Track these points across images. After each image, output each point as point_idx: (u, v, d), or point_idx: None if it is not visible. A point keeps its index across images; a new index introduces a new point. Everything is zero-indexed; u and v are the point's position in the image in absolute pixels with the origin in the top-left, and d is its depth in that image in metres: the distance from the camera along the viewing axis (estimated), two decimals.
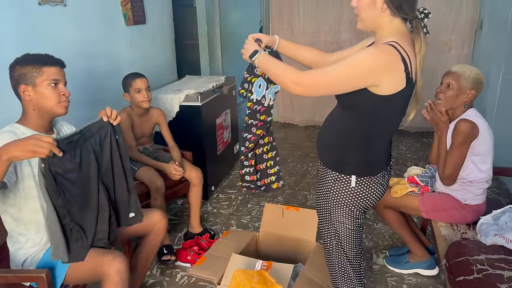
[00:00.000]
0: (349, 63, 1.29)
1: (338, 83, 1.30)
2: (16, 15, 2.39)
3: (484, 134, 1.95)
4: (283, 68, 1.38)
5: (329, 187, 1.52)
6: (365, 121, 1.41)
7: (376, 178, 1.48)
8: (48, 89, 1.61)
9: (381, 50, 1.29)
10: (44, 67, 1.60)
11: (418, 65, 1.35)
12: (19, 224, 1.64)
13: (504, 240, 1.67)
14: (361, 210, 1.52)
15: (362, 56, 1.29)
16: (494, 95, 3.69)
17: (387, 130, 1.47)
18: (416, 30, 1.34)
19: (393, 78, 1.29)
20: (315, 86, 1.33)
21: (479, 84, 1.98)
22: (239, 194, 3.40)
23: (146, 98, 2.57)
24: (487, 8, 4.19)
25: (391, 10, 1.32)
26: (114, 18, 3.32)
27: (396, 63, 1.27)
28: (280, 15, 5.12)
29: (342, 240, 1.55)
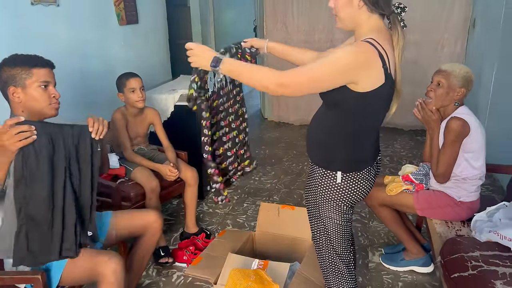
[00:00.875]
0: (328, 61, 1.31)
1: (320, 81, 1.32)
2: (9, 15, 2.38)
3: (476, 131, 1.96)
4: (259, 71, 1.37)
5: (316, 183, 1.54)
6: (349, 118, 1.43)
7: (362, 174, 1.50)
8: (38, 91, 1.59)
9: (358, 48, 1.31)
10: (34, 68, 1.58)
11: (397, 59, 1.37)
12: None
13: (498, 236, 1.68)
14: (348, 205, 1.54)
15: (340, 54, 1.31)
16: (487, 93, 3.72)
17: (371, 126, 1.49)
18: (394, 24, 1.38)
19: (371, 74, 1.31)
20: (297, 86, 1.33)
21: (468, 82, 2.00)
22: (234, 194, 3.40)
23: (141, 97, 2.57)
24: (480, 6, 4.22)
25: (368, 7, 1.34)
26: (107, 18, 3.31)
27: (373, 59, 1.29)
28: (274, 14, 5.12)
29: (331, 236, 1.57)
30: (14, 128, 1.39)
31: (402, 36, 1.37)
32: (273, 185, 3.57)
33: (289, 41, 5.12)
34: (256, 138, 4.93)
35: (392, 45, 1.36)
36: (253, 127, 5.38)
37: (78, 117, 2.74)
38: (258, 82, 1.36)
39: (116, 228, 1.91)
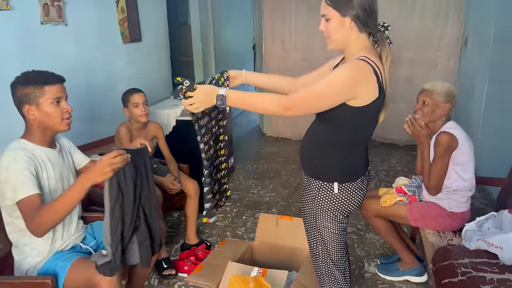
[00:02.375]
0: (329, 81, 1.40)
1: (322, 100, 1.41)
2: (20, 34, 2.49)
3: (464, 144, 2.06)
4: (264, 98, 1.47)
5: (313, 195, 1.62)
6: (342, 132, 1.52)
7: (356, 184, 1.59)
8: (51, 108, 1.65)
9: (355, 65, 1.40)
10: (46, 86, 1.63)
11: (386, 74, 1.48)
12: (25, 234, 1.68)
13: (486, 244, 1.77)
14: (344, 214, 1.62)
15: (339, 72, 1.41)
16: (479, 109, 3.84)
17: (363, 138, 1.59)
18: (381, 41, 1.48)
19: (368, 89, 1.41)
20: (302, 107, 1.42)
21: (451, 97, 2.10)
22: (234, 207, 3.47)
23: (144, 112, 2.66)
24: (471, 26, 4.37)
25: (358, 27, 1.43)
26: (112, 36, 3.43)
27: (369, 75, 1.40)
28: (272, 32, 5.27)
29: (327, 245, 1.65)
30: (114, 159, 1.49)
31: (389, 52, 1.48)
32: (272, 198, 3.65)
33: (287, 59, 5.27)
34: (255, 152, 5.03)
35: (381, 62, 1.47)
36: (252, 142, 5.49)
37: (83, 131, 2.86)
38: (265, 109, 1.48)
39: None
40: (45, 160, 1.70)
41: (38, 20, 2.61)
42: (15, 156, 1.58)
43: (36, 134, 1.69)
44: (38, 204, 1.55)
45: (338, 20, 1.43)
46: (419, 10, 4.67)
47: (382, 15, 1.46)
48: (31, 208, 1.54)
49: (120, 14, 3.47)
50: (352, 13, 1.40)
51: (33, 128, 1.68)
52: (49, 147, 1.74)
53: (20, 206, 1.56)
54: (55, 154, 1.76)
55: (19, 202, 1.55)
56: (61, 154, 1.81)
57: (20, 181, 1.55)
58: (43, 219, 1.53)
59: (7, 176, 1.56)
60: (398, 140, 5.01)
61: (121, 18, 3.49)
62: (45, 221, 1.53)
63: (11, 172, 1.56)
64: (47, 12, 2.65)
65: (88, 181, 1.51)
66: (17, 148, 1.62)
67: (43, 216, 1.52)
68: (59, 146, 1.82)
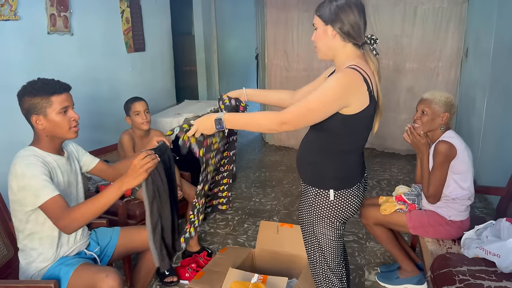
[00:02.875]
0: (321, 92, 1.44)
1: (316, 112, 1.45)
2: (27, 44, 2.55)
3: (462, 153, 2.09)
4: (260, 116, 1.55)
5: (310, 202, 1.65)
6: (335, 139, 1.56)
7: (352, 190, 1.62)
8: (59, 117, 1.66)
9: (346, 74, 1.45)
10: (53, 96, 1.64)
11: (377, 82, 1.52)
12: (34, 239, 1.72)
13: (484, 251, 1.78)
14: (341, 221, 1.64)
15: (331, 82, 1.45)
16: (480, 119, 3.86)
17: (357, 145, 1.62)
18: (366, 52, 1.53)
19: (359, 97, 1.46)
20: (297, 121, 1.46)
21: (450, 106, 2.13)
22: (235, 215, 3.50)
23: (145, 120, 2.70)
24: (472, 37, 4.42)
25: (341, 36, 1.49)
26: (117, 46, 3.50)
27: (359, 83, 1.44)
28: (275, 42, 5.33)
29: (325, 251, 1.67)
30: (144, 160, 1.53)
31: (376, 61, 1.53)
32: (273, 206, 3.67)
33: (290, 69, 5.32)
34: (258, 161, 5.06)
35: (371, 70, 1.52)
36: (255, 151, 5.52)
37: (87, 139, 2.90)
38: (262, 126, 1.55)
39: (124, 243, 2.01)
40: (55, 166, 1.73)
41: (45, 30, 2.68)
42: (29, 163, 1.61)
43: (45, 142, 1.72)
44: (63, 204, 1.60)
45: (322, 29, 1.52)
46: (420, 21, 4.72)
47: (384, 26, 1.52)
48: (58, 208, 1.58)
49: (125, 24, 3.54)
50: (334, 22, 1.48)
51: (41, 137, 1.71)
52: (58, 154, 1.77)
53: (45, 209, 1.59)
54: (63, 161, 1.80)
55: (43, 205, 1.59)
56: (69, 161, 1.85)
57: (39, 186, 1.59)
58: (76, 217, 1.58)
59: (25, 183, 1.59)
60: (399, 149, 5.03)
61: (126, 28, 3.55)
62: (79, 219, 1.58)
63: (28, 178, 1.59)
64: (54, 22, 2.71)
65: (125, 185, 1.57)
66: (29, 155, 1.65)
67: (77, 214, 1.58)
68: (67, 153, 1.85)
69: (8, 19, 2.38)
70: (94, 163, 2.00)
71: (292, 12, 5.15)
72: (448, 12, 4.61)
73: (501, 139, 3.31)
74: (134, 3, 3.67)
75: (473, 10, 4.41)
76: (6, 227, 2.00)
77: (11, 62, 2.46)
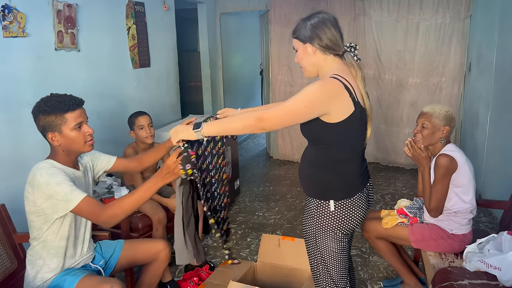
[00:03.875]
0: (301, 95, 1.46)
1: (295, 114, 1.46)
2: (35, 60, 2.61)
3: (463, 167, 2.09)
4: (240, 116, 1.57)
5: (312, 213, 1.66)
6: (329, 149, 1.57)
7: (353, 200, 1.62)
8: (74, 133, 1.70)
9: (325, 81, 1.50)
10: (67, 114, 1.67)
11: (361, 88, 1.55)
12: (44, 248, 1.75)
13: (485, 265, 1.77)
14: (343, 232, 1.64)
15: (310, 88, 1.46)
16: (484, 133, 3.86)
17: (352, 154, 1.62)
18: (348, 59, 1.58)
19: (341, 104, 1.48)
20: (275, 119, 1.45)
21: (450, 120, 2.14)
22: (238, 229, 3.50)
23: (149, 133, 2.74)
24: (474, 52, 4.44)
25: (321, 50, 1.55)
26: (123, 62, 3.57)
27: (340, 90, 1.48)
28: (279, 58, 5.40)
29: (328, 264, 1.67)
30: (175, 160, 1.57)
31: (358, 67, 1.57)
32: (277, 220, 3.67)
33: (294, 85, 5.37)
34: (262, 175, 5.07)
35: (354, 78, 1.55)
36: (259, 165, 5.54)
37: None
38: (240, 124, 1.50)
39: (127, 255, 2.03)
40: (73, 179, 1.76)
41: (52, 47, 2.75)
42: (51, 172, 1.64)
43: (62, 156, 1.75)
44: (96, 202, 1.66)
45: (302, 48, 1.59)
46: (423, 36, 4.77)
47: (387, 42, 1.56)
48: (93, 206, 1.64)
49: (131, 40, 3.61)
50: (312, 39, 1.54)
51: (58, 152, 1.74)
52: (74, 168, 1.80)
53: (80, 210, 1.64)
54: (79, 174, 1.83)
55: (77, 207, 1.62)
56: (84, 175, 1.88)
57: (67, 190, 1.62)
58: (114, 213, 1.63)
59: (52, 191, 1.62)
60: (403, 163, 5.02)
61: (132, 44, 3.63)
62: (118, 213, 1.64)
63: (53, 186, 1.61)
64: (61, 39, 2.78)
65: (160, 181, 1.64)
66: (48, 166, 1.68)
67: (114, 211, 1.63)
68: (82, 167, 1.89)
69: (16, 36, 2.45)
70: (112, 161, 2.05)
71: None
72: (451, 27, 4.65)
73: (505, 153, 3.30)
74: (140, 20, 3.76)
75: (475, 25, 4.45)
76: (10, 239, 2.03)
77: (19, 77, 2.52)
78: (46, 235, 1.73)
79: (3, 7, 2.34)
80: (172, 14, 4.42)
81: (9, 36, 2.40)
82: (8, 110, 2.45)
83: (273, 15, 5.27)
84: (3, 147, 2.44)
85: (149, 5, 3.90)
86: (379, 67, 4.99)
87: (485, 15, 4.12)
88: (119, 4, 3.48)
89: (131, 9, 3.61)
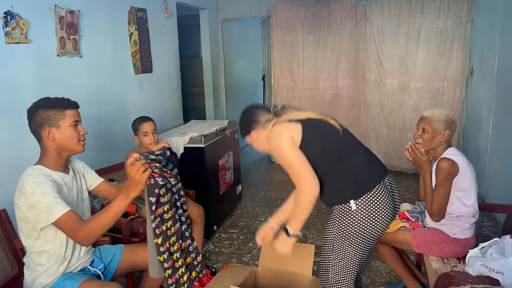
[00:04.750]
0: (283, 151, 1.69)
1: (299, 158, 1.68)
2: (37, 65, 2.63)
3: (465, 170, 2.07)
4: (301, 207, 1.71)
5: (336, 219, 1.73)
6: (319, 159, 1.71)
7: (373, 195, 1.67)
8: (70, 130, 1.74)
9: (273, 132, 1.75)
10: (67, 110, 1.74)
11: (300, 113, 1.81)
12: (42, 256, 1.74)
13: (487, 269, 1.75)
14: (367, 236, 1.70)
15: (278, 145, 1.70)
16: (486, 137, 3.84)
17: (341, 152, 1.73)
18: (277, 113, 1.83)
19: (293, 130, 1.72)
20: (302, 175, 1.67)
21: (451, 123, 2.13)
22: (240, 234, 3.49)
23: (153, 140, 2.74)
24: (476, 57, 4.44)
25: (261, 128, 1.80)
26: (125, 67, 3.58)
27: (285, 124, 1.75)
28: (281, 63, 5.41)
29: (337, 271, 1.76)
30: (138, 162, 1.57)
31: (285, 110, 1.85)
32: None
33: (295, 90, 5.39)
34: (264, 181, 5.07)
35: (286, 116, 1.82)
36: (261, 170, 5.53)
37: (95, 158, 2.95)
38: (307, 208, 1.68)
39: (127, 260, 2.02)
40: (62, 184, 1.77)
41: (55, 53, 2.76)
42: (38, 181, 1.65)
43: (51, 158, 1.75)
44: (77, 218, 1.65)
45: (253, 138, 1.84)
46: (425, 41, 4.78)
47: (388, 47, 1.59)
48: (72, 223, 1.63)
49: (133, 46, 3.63)
50: (253, 127, 1.81)
51: (49, 152, 1.75)
52: (63, 172, 1.81)
53: (60, 224, 1.63)
54: (69, 178, 1.84)
55: (57, 221, 1.62)
56: (74, 178, 1.88)
57: (51, 202, 1.62)
58: (92, 230, 1.63)
59: (36, 201, 1.62)
60: (406, 168, 5.00)
61: (134, 50, 3.65)
62: (94, 232, 1.63)
63: (38, 196, 1.62)
64: (63, 45, 2.80)
65: (131, 193, 1.63)
66: (36, 174, 1.68)
67: (92, 227, 1.63)
68: (72, 170, 1.89)
69: (19, 42, 2.47)
70: (98, 182, 2.03)
71: (297, 34, 5.25)
72: (452, 32, 4.65)
73: (508, 157, 3.28)
74: (142, 26, 3.78)
75: (477, 29, 4.45)
76: (11, 244, 2.03)
77: (21, 83, 2.53)
78: (41, 245, 1.72)
79: (5, 13, 2.36)
80: (174, 20, 4.45)
81: (11, 42, 2.42)
82: (10, 116, 2.46)
83: (274, 21, 5.29)
84: (4, 152, 2.45)
85: (151, 11, 3.93)
86: (381, 71, 5.00)
87: (486, 19, 4.12)
88: (121, 10, 3.50)
89: (133, 15, 3.63)
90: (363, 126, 5.23)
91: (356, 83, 5.15)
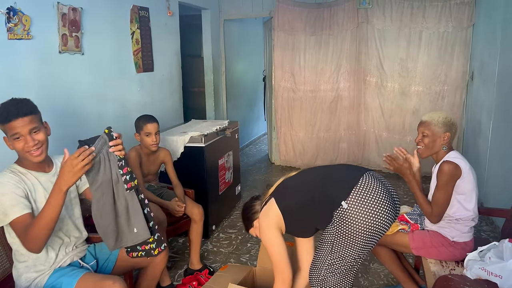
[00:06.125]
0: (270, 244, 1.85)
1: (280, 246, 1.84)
2: (39, 62, 2.63)
3: (467, 174, 2.08)
4: None
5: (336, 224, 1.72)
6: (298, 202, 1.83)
7: (361, 187, 1.70)
8: (13, 144, 1.65)
9: (261, 225, 1.88)
10: (6, 124, 1.62)
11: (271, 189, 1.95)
12: (23, 251, 1.72)
13: (486, 272, 1.75)
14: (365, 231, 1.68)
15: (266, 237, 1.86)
16: (486, 141, 3.85)
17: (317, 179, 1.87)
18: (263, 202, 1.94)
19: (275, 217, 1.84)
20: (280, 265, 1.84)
21: (450, 126, 2.14)
22: (239, 234, 3.49)
23: (155, 142, 2.72)
24: (477, 61, 4.45)
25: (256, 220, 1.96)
26: (126, 66, 3.58)
27: (265, 219, 1.86)
28: (282, 65, 5.41)
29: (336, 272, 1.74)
30: (79, 156, 1.50)
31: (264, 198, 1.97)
32: None
33: (296, 91, 5.38)
34: (263, 181, 5.07)
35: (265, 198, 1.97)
36: (260, 171, 5.53)
37: None
38: None
39: (124, 258, 2.02)
40: (35, 183, 1.73)
41: (56, 50, 2.76)
42: (2, 181, 1.64)
43: (24, 160, 1.73)
44: (29, 223, 1.58)
45: (255, 227, 1.96)
46: (426, 45, 4.79)
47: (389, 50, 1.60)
48: (23, 228, 1.57)
49: (135, 45, 3.63)
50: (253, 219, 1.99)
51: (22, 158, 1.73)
52: (41, 171, 1.77)
53: (13, 227, 1.61)
54: (47, 177, 1.78)
55: (11, 223, 1.60)
56: (56, 176, 1.74)
57: (8, 204, 1.60)
58: (34, 234, 1.54)
59: None
60: None
61: (136, 49, 3.65)
62: (37, 235, 1.55)
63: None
64: (65, 42, 2.80)
65: (63, 184, 1.51)
66: (5, 173, 1.68)
67: (33, 231, 1.54)
68: (55, 165, 1.84)
69: (21, 38, 2.47)
70: (85, 186, 1.93)
71: (299, 36, 5.25)
72: (453, 36, 4.66)
73: (507, 162, 3.29)
74: (144, 25, 3.78)
75: (478, 34, 4.46)
76: None
77: (23, 79, 2.53)
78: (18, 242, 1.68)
79: (8, 9, 2.36)
80: (176, 20, 4.45)
81: (13, 38, 2.42)
82: None
83: (276, 22, 5.30)
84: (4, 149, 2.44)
85: (153, 10, 3.93)
86: (382, 74, 5.01)
87: (488, 24, 4.13)
88: (123, 8, 3.50)
89: (136, 14, 3.63)
90: (363, 128, 5.24)
91: (356, 86, 5.16)
